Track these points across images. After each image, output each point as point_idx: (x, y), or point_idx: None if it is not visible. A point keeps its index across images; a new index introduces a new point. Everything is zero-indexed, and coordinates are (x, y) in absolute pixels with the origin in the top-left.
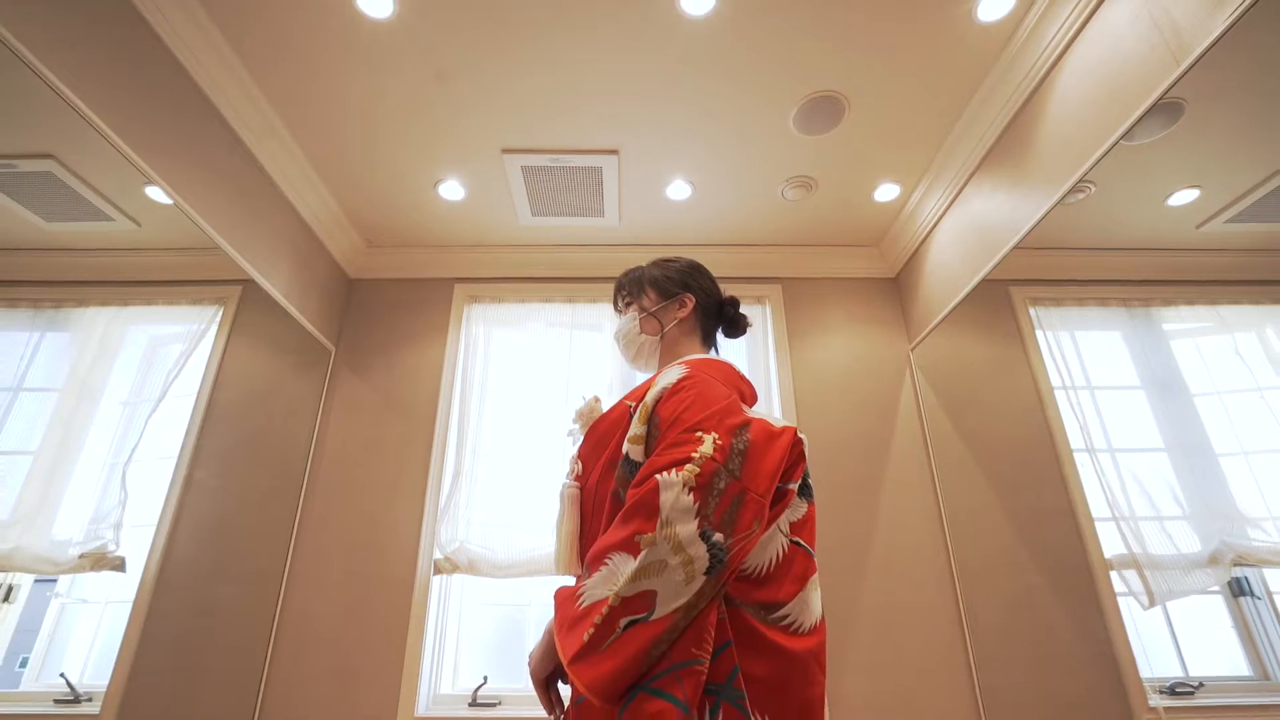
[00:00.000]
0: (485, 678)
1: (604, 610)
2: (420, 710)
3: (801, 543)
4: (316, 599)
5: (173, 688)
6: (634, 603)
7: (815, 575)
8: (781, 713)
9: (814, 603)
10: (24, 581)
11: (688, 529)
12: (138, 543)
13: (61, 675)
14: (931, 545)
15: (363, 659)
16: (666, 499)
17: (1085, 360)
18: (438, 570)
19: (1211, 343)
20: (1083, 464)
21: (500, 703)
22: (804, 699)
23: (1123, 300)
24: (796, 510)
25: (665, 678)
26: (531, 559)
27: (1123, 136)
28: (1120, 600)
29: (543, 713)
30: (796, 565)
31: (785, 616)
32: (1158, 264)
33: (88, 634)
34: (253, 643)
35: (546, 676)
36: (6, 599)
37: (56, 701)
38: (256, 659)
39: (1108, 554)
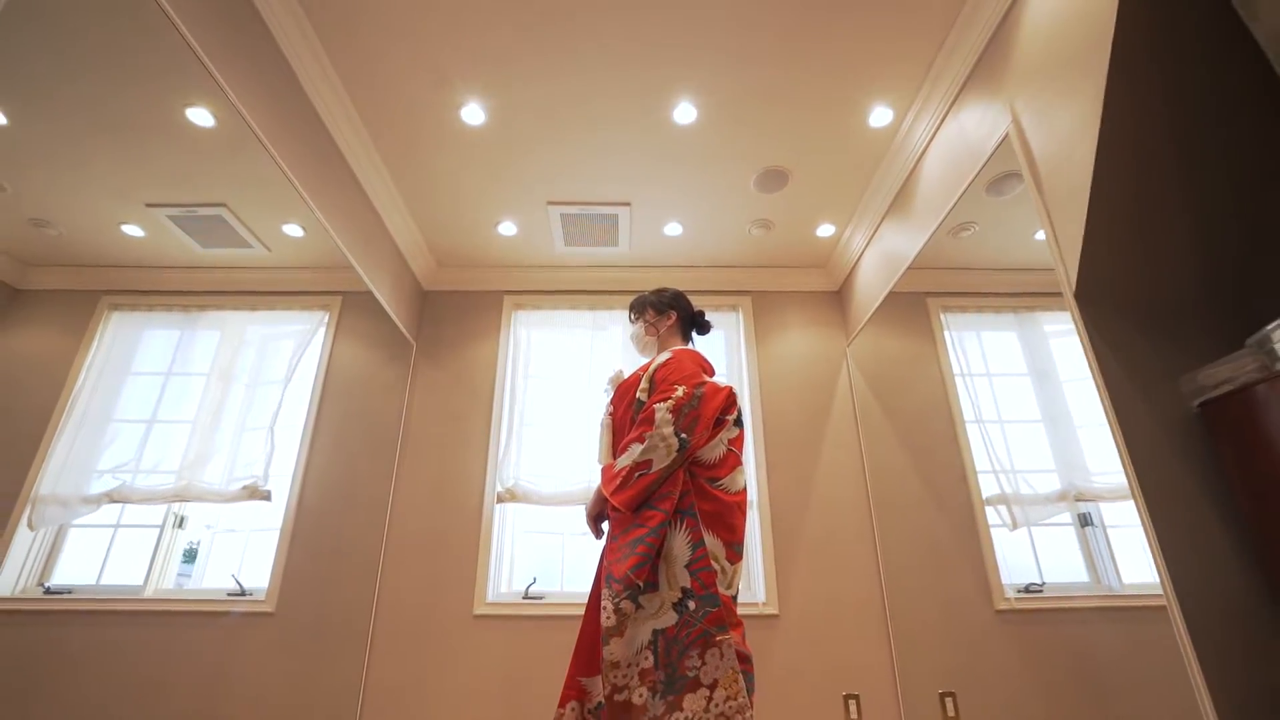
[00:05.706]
0: (535, 578)
1: (627, 469)
2: (489, 599)
3: (734, 449)
4: (412, 522)
5: (313, 584)
6: (642, 465)
7: (741, 465)
8: (717, 529)
9: (740, 480)
10: (190, 514)
11: (670, 430)
12: (279, 486)
13: (233, 576)
14: (857, 488)
15: (446, 565)
16: (659, 415)
17: (987, 354)
18: (499, 500)
19: (1078, 341)
20: (971, 431)
21: (544, 597)
22: (729, 523)
23: (1013, 309)
24: (732, 432)
25: (657, 500)
26: (566, 494)
27: (956, 203)
28: (993, 529)
29: (573, 601)
30: (730, 460)
31: (722, 485)
32: (1038, 280)
33: (235, 553)
34: (368, 554)
35: (595, 515)
36: (180, 526)
37: (230, 594)
38: (372, 565)
39: (985, 494)
